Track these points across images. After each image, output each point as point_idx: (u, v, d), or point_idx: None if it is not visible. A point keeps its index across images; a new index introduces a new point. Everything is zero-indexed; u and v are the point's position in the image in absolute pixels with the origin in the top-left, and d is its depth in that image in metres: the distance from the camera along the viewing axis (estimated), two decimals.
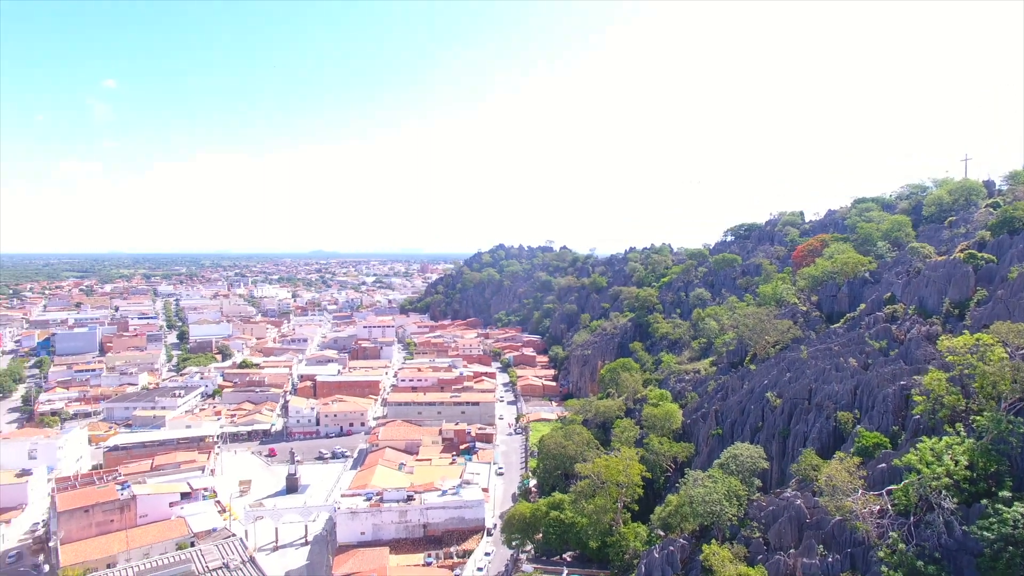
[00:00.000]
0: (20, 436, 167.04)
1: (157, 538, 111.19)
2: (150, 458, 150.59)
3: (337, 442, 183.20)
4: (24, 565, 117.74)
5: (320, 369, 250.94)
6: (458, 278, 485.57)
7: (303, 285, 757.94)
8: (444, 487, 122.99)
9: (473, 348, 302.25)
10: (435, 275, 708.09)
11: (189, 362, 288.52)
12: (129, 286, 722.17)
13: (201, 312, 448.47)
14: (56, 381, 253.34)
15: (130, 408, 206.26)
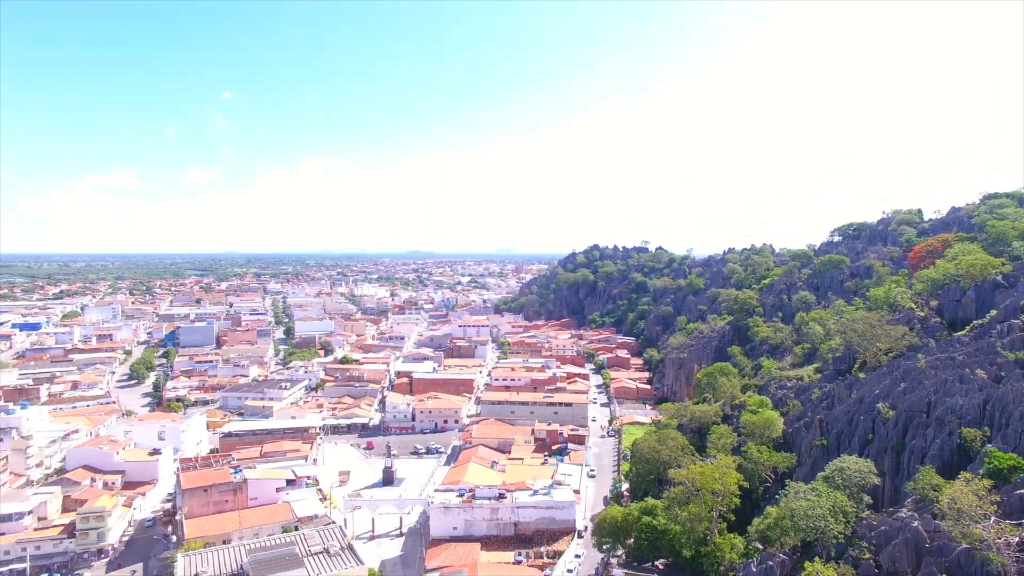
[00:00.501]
0: (151, 419, 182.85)
1: (265, 520, 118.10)
2: (259, 445, 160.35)
3: (431, 438, 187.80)
4: (157, 533, 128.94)
5: (416, 366, 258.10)
6: (552, 278, 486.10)
7: (401, 284, 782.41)
8: (535, 487, 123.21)
9: (566, 349, 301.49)
10: (529, 275, 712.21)
11: (294, 356, 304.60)
12: (242, 284, 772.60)
13: (306, 309, 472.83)
14: (180, 371, 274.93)
15: (242, 398, 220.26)
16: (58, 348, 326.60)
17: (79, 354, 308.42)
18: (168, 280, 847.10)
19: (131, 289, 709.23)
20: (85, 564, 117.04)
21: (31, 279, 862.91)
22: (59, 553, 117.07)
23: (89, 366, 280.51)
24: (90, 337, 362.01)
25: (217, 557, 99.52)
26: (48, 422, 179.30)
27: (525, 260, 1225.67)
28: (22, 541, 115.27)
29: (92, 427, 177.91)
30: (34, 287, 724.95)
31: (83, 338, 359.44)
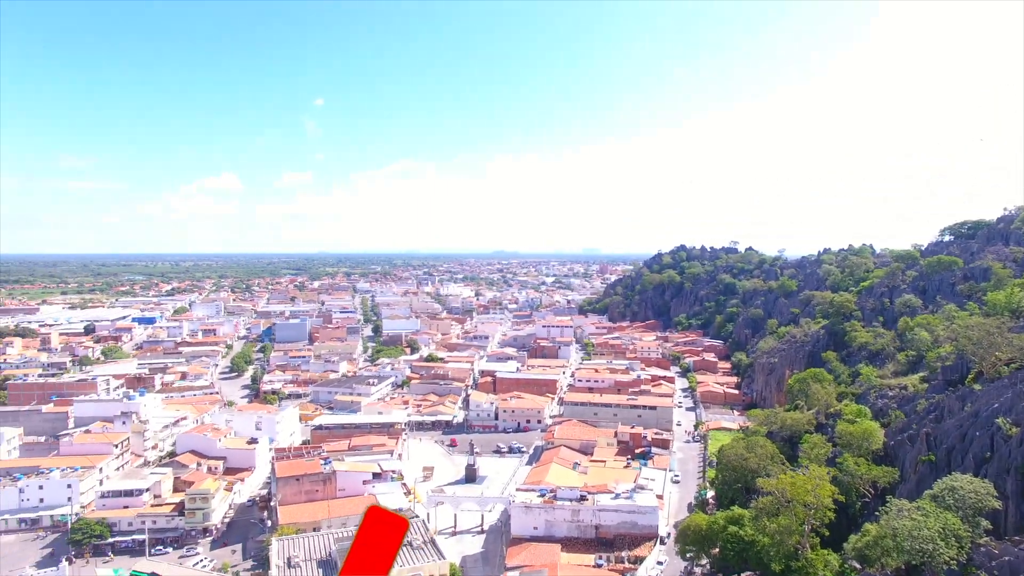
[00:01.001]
0: (250, 410, 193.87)
1: (352, 511, 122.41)
2: (348, 439, 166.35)
3: (514, 437, 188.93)
4: (254, 517, 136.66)
5: (500, 366, 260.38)
6: (637, 279, 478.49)
7: (485, 284, 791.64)
8: (617, 490, 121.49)
9: (651, 351, 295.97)
10: (614, 276, 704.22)
11: (382, 354, 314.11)
12: (333, 283, 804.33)
13: (393, 308, 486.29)
14: (275, 365, 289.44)
15: (332, 393, 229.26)
16: (170, 341, 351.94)
17: (187, 347, 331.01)
18: (265, 279, 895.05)
19: (233, 287, 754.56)
20: (192, 540, 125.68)
21: (148, 277, 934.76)
22: (171, 528, 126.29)
23: (196, 358, 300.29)
24: (197, 331, 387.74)
25: (308, 543, 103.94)
26: (161, 409, 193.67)
27: (610, 261, 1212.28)
28: (142, 515, 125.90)
29: (198, 415, 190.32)
30: (150, 284, 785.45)
31: (191, 332, 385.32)
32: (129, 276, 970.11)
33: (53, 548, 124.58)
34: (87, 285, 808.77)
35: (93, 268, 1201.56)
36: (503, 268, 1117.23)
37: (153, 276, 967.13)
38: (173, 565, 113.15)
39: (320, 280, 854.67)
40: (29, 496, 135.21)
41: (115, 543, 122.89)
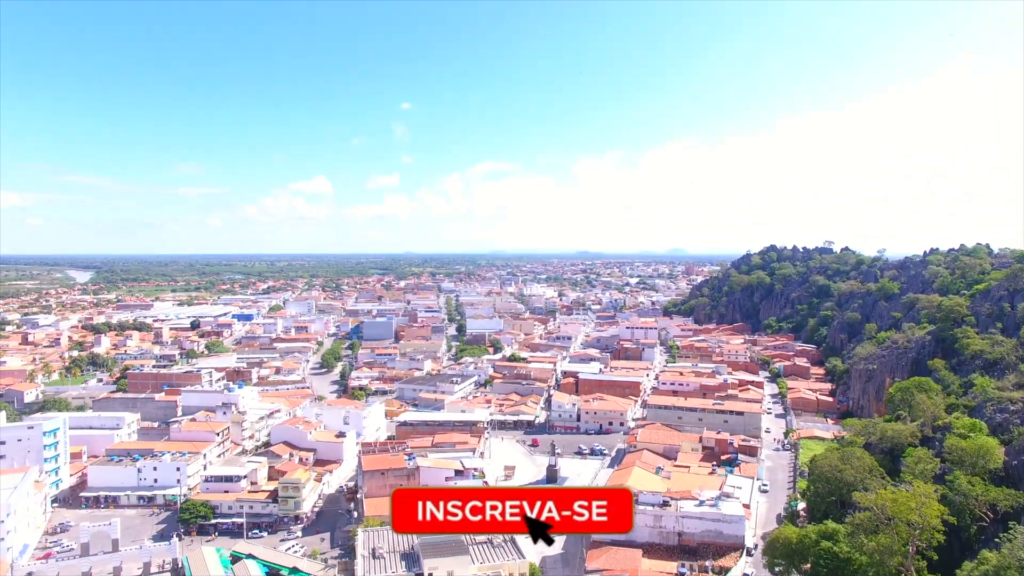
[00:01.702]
0: (338, 404, 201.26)
1: None
2: (431, 435, 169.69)
3: (595, 439, 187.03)
4: (341, 508, 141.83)
5: (582, 367, 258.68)
6: (724, 281, 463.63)
7: (569, 285, 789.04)
8: (702, 497, 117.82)
9: (739, 355, 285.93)
10: (700, 277, 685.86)
11: (465, 353, 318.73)
12: (419, 283, 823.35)
13: (476, 308, 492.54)
14: (363, 362, 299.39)
15: (417, 390, 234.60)
16: (265, 337, 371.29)
17: (281, 343, 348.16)
18: (354, 278, 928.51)
19: (323, 286, 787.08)
20: (285, 527, 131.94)
21: (246, 276, 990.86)
22: (266, 514, 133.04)
23: (289, 354, 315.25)
24: (290, 328, 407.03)
25: (392, 536, 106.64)
26: (257, 401, 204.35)
27: (696, 261, 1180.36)
28: (240, 499, 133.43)
29: (290, 408, 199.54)
30: (248, 283, 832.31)
31: (284, 329, 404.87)
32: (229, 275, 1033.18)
33: (166, 524, 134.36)
34: (193, 283, 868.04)
35: (198, 268, 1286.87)
36: (587, 269, 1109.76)
37: (251, 275, 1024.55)
38: (268, 548, 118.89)
39: (406, 280, 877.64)
40: (145, 476, 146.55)
41: (217, 524, 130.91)
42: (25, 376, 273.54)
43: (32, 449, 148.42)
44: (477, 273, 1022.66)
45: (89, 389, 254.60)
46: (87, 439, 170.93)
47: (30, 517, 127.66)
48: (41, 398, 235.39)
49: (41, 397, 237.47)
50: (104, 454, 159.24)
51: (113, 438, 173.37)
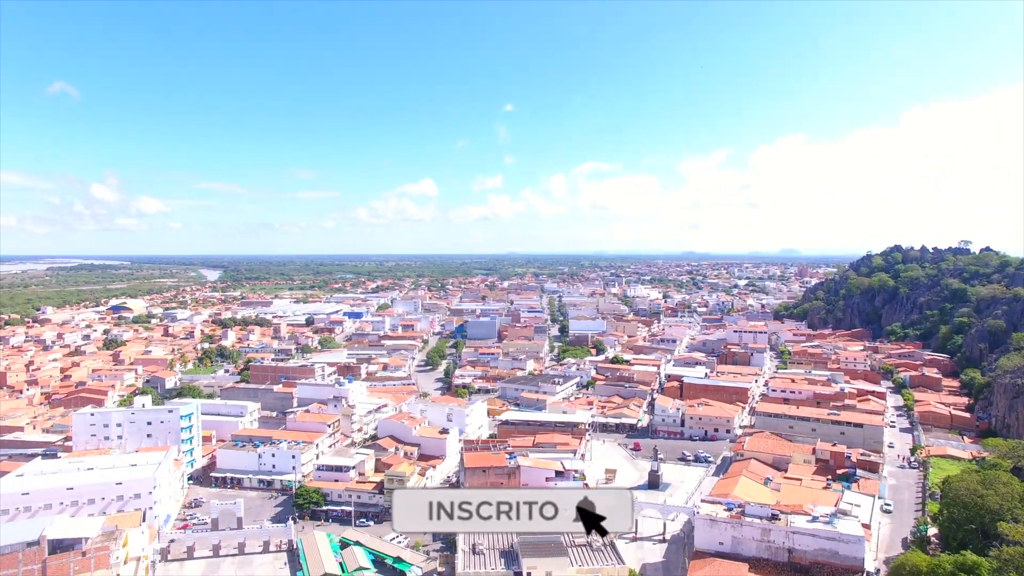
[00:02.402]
0: (442, 402, 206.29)
1: None
2: (532, 435, 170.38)
3: (700, 445, 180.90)
4: None
5: (687, 370, 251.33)
6: (842, 283, 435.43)
7: (674, 286, 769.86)
8: (815, 512, 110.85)
9: (858, 362, 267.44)
10: (814, 279, 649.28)
11: (567, 354, 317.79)
12: (522, 283, 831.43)
13: (579, 308, 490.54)
14: (467, 360, 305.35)
15: (519, 390, 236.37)
16: (374, 334, 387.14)
17: (389, 340, 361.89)
18: (459, 278, 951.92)
19: (429, 286, 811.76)
20: (390, 518, 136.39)
21: (356, 276, 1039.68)
22: (372, 505, 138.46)
23: (396, 351, 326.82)
24: (397, 326, 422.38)
25: (492, 533, 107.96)
26: (366, 396, 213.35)
27: (810, 262, 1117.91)
28: (350, 490, 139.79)
29: (396, 404, 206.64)
30: (358, 283, 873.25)
31: (392, 327, 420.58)
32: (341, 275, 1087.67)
33: (282, 508, 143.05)
34: (308, 282, 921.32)
35: (313, 267, 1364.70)
36: (692, 270, 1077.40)
37: (361, 275, 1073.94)
38: (374, 537, 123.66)
39: (509, 280, 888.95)
40: (264, 461, 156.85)
41: (328, 511, 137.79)
42: (166, 364, 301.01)
43: (171, 431, 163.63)
44: (580, 274, 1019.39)
45: (218, 379, 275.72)
46: (216, 424, 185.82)
47: (171, 491, 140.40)
48: (178, 385, 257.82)
49: (179, 384, 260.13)
50: (230, 439, 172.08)
51: (237, 425, 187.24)
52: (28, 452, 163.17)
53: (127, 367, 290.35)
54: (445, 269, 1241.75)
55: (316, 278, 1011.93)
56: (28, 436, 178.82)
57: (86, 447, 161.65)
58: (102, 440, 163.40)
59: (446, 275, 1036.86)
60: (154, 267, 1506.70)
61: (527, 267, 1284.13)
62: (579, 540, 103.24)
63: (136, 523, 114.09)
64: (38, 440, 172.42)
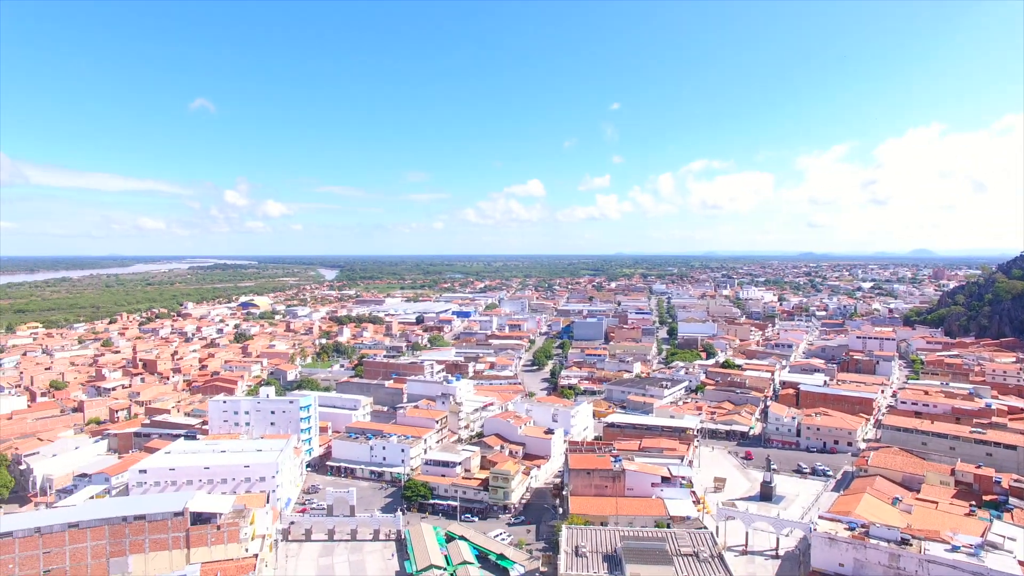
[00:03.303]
0: (547, 402, 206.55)
1: (639, 511, 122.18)
2: (638, 439, 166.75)
3: (818, 458, 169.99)
4: (547, 503, 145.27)
5: (804, 378, 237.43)
6: (987, 287, 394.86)
7: (790, 289, 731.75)
8: (956, 541, 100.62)
9: (1007, 376, 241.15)
10: (952, 282, 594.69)
11: (676, 357, 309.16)
12: (629, 284, 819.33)
13: (689, 311, 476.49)
14: (573, 361, 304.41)
15: (625, 392, 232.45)
16: (481, 334, 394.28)
17: (496, 339, 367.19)
18: (566, 279, 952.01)
19: (536, 286, 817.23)
20: (494, 515, 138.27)
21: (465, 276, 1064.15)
22: (477, 500, 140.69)
23: (502, 351, 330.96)
24: (504, 326, 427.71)
25: (595, 536, 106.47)
26: (472, 393, 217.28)
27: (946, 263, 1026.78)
28: (455, 485, 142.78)
29: (502, 402, 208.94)
30: (467, 282, 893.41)
31: (499, 326, 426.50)
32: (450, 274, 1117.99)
33: (391, 499, 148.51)
34: (419, 282, 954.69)
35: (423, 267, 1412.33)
36: (811, 271, 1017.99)
37: (469, 275, 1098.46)
38: (478, 532, 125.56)
39: (617, 281, 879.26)
40: (376, 454, 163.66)
41: (434, 504, 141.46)
42: (288, 358, 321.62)
43: (292, 420, 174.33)
44: (690, 275, 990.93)
45: (334, 373, 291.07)
46: (331, 416, 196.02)
47: (291, 476, 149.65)
48: (298, 378, 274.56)
49: (299, 377, 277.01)
50: (344, 430, 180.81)
51: (351, 417, 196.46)
52: (173, 433, 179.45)
53: (254, 359, 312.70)
54: (552, 269, 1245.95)
55: (426, 278, 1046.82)
56: (173, 418, 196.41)
57: (219, 431, 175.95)
58: (233, 426, 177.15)
59: (553, 275, 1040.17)
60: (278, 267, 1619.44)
61: (635, 268, 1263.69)
62: (685, 549, 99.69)
63: (261, 504, 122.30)
64: (181, 422, 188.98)
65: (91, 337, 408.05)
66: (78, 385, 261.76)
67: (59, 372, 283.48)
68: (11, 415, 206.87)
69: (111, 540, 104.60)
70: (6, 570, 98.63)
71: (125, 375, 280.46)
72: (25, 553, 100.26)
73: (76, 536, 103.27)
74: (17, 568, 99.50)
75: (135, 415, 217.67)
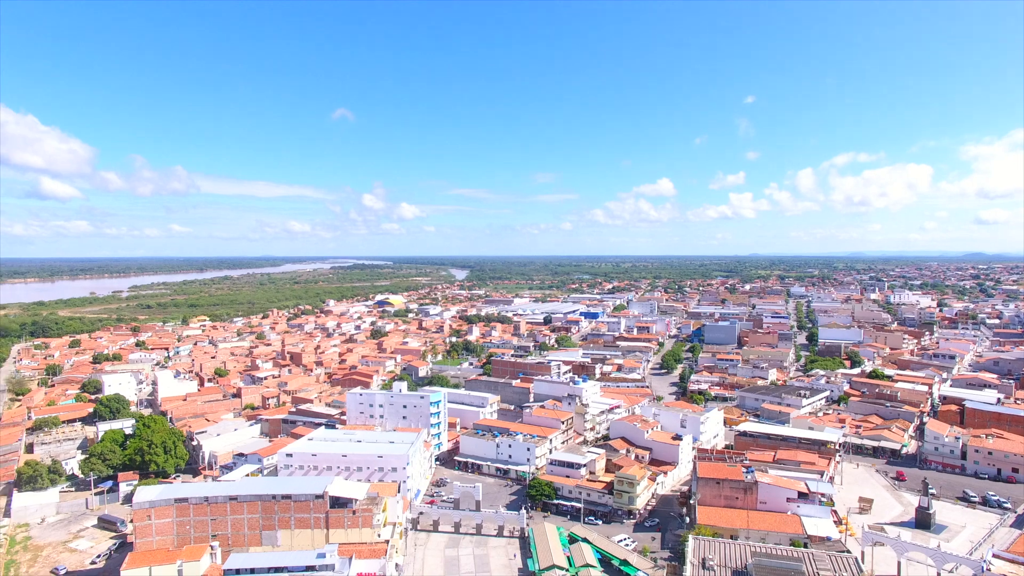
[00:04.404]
0: (675, 407, 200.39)
1: (773, 527, 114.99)
2: (773, 450, 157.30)
3: (990, 486, 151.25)
4: (673, 511, 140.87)
5: (971, 393, 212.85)
6: None
7: (952, 293, 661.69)
8: None
9: None
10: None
11: (816, 364, 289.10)
12: (765, 286, 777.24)
13: (831, 315, 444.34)
14: (703, 366, 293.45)
15: (759, 400, 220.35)
16: (609, 335, 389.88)
17: (624, 341, 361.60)
18: (697, 280, 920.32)
19: (666, 288, 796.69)
20: (618, 519, 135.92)
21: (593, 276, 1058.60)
22: (601, 504, 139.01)
23: (630, 353, 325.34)
24: (632, 328, 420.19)
25: (723, 549, 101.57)
26: (599, 395, 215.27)
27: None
28: (579, 486, 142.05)
29: (629, 405, 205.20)
30: (595, 283, 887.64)
31: (627, 328, 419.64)
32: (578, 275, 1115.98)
33: (516, 496, 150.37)
34: (547, 282, 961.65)
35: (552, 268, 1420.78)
36: (979, 274, 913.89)
37: (597, 276, 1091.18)
38: (602, 536, 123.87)
39: (752, 283, 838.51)
40: (502, 451, 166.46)
41: (558, 505, 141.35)
42: (419, 354, 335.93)
43: (423, 415, 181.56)
44: (833, 277, 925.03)
45: (463, 370, 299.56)
46: (460, 412, 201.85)
47: (421, 469, 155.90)
48: (429, 374, 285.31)
49: (429, 373, 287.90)
50: (472, 427, 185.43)
51: (479, 414, 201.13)
52: (315, 421, 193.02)
53: (388, 355, 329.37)
54: (682, 271, 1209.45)
55: (554, 278, 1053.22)
56: (315, 408, 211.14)
57: (356, 422, 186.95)
58: (368, 417, 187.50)
59: (683, 277, 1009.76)
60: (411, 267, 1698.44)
61: (771, 269, 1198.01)
62: (824, 572, 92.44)
63: (392, 493, 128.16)
64: (322, 412, 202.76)
65: (247, 330, 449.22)
66: (236, 373, 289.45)
67: (222, 361, 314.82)
68: (185, 397, 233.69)
69: (263, 514, 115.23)
70: (183, 530, 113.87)
71: (275, 366, 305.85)
72: (198, 518, 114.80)
73: (236, 508, 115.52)
74: (192, 529, 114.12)
75: (283, 403, 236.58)
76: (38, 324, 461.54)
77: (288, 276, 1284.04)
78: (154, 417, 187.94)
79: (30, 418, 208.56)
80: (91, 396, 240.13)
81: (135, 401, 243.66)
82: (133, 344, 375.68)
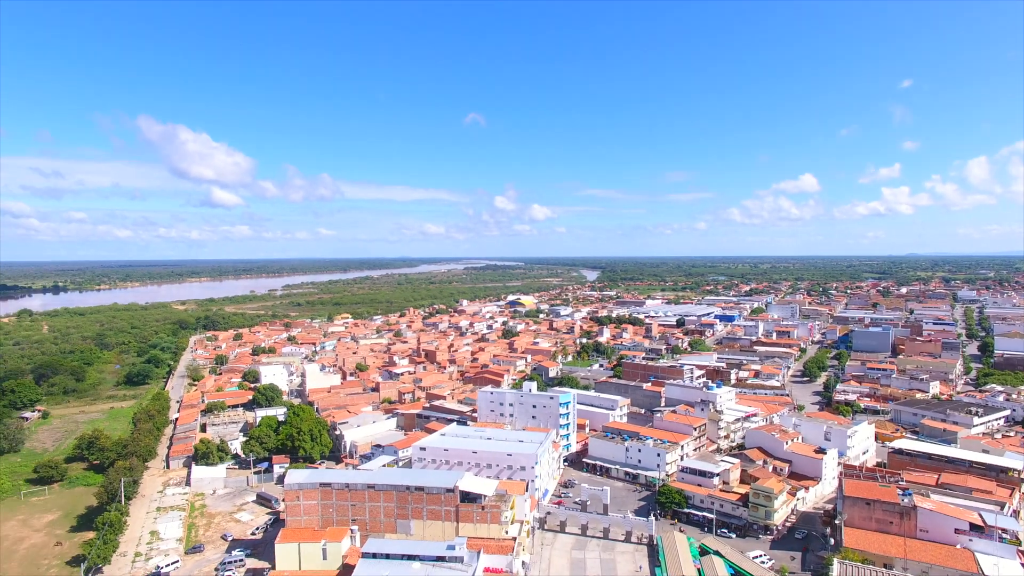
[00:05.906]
0: (819, 418, 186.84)
1: (938, 560, 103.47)
2: (936, 473, 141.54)
3: None
4: (816, 530, 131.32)
5: None
6: None
7: None
8: None
9: None
10: None
11: (992, 379, 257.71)
12: (925, 289, 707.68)
13: (1011, 323, 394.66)
14: (851, 374, 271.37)
15: (918, 415, 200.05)
16: (746, 339, 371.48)
17: (762, 346, 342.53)
18: (844, 283, 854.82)
19: (809, 290, 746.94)
20: (753, 534, 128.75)
21: (729, 278, 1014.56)
22: (735, 516, 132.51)
23: (769, 359, 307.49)
24: (771, 332, 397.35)
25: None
26: (734, 402, 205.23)
27: None
28: (712, 496, 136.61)
29: (767, 414, 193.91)
30: (731, 285, 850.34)
31: (766, 332, 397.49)
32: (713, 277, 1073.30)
33: (645, 503, 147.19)
34: (680, 283, 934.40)
35: (685, 269, 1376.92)
36: None
37: (734, 277, 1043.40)
38: (735, 550, 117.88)
39: (909, 286, 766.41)
40: (631, 456, 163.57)
41: (688, 514, 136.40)
42: (549, 355, 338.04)
43: (552, 415, 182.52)
44: (1012, 279, 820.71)
45: (592, 372, 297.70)
46: (589, 414, 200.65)
47: (549, 469, 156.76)
48: (559, 375, 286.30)
49: (559, 374, 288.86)
50: (601, 429, 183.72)
51: (608, 417, 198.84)
52: (448, 417, 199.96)
53: (519, 355, 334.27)
54: (828, 272, 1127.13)
55: (688, 280, 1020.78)
56: (448, 404, 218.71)
57: (486, 419, 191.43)
58: (498, 416, 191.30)
59: (829, 279, 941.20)
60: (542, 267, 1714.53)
61: (933, 271, 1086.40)
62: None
63: (520, 491, 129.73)
64: (455, 408, 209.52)
65: (386, 328, 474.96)
66: (375, 368, 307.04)
67: (362, 356, 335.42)
68: (329, 389, 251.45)
69: (398, 504, 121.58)
70: (326, 512, 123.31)
71: (411, 363, 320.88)
72: (340, 502, 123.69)
73: (373, 496, 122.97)
74: (335, 512, 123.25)
75: (418, 398, 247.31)
76: (209, 319, 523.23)
77: (424, 276, 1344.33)
78: (303, 407, 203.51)
79: (203, 402, 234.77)
80: (251, 384, 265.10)
81: (286, 391, 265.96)
82: (285, 339, 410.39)
